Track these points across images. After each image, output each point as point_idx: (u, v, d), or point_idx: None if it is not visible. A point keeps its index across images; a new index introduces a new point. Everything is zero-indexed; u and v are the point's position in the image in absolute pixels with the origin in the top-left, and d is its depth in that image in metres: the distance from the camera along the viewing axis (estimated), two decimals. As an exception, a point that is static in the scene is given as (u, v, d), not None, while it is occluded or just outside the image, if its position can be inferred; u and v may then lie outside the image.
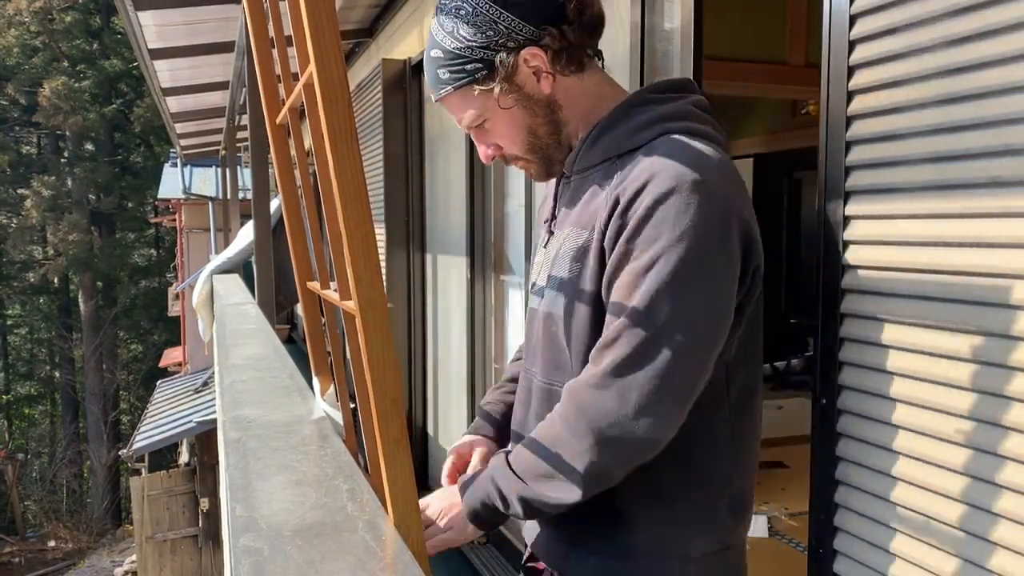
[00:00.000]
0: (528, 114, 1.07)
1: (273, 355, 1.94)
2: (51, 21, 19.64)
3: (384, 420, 0.87)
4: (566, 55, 1.04)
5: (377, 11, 4.74)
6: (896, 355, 1.23)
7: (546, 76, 1.04)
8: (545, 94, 1.06)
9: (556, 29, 1.01)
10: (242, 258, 5.07)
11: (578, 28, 1.03)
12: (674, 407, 0.96)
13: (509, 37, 1.01)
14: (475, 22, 1.01)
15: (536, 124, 1.08)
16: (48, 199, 19.24)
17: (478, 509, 1.09)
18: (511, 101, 1.06)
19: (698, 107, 1.07)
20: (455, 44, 1.03)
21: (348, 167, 0.79)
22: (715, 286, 0.96)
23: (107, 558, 15.34)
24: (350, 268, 0.82)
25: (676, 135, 1.00)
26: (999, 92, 1.07)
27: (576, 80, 1.07)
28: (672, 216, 0.93)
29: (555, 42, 1.02)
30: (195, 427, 8.07)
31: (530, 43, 1.02)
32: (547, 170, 1.15)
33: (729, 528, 1.10)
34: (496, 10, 1.00)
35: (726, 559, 1.11)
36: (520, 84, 1.05)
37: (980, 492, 1.10)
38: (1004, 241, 1.07)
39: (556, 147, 1.11)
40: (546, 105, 1.07)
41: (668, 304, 0.93)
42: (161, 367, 17.21)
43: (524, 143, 1.11)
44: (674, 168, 0.95)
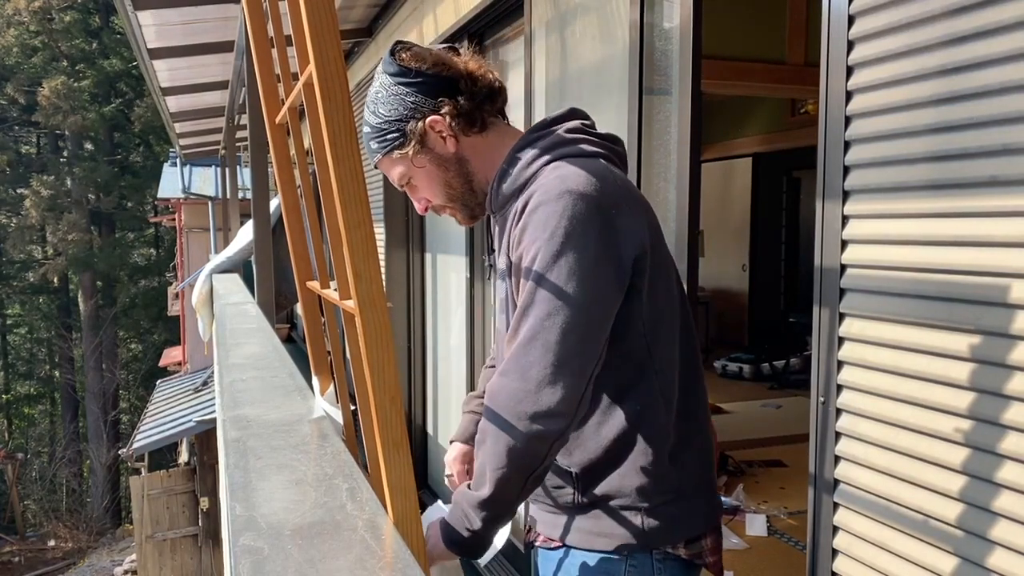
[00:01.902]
0: (441, 170, 1.28)
1: (273, 354, 1.94)
2: (50, 21, 19.62)
3: (384, 419, 0.87)
4: (463, 119, 1.24)
5: (376, 11, 4.74)
6: (895, 354, 1.23)
7: (450, 137, 1.25)
8: (452, 152, 1.27)
9: (452, 100, 1.23)
10: (242, 257, 5.06)
11: (471, 97, 1.24)
12: (571, 378, 1.10)
13: (415, 110, 1.23)
14: (389, 101, 1.24)
15: (449, 178, 1.29)
16: (47, 199, 19.23)
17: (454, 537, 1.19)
18: (425, 161, 1.27)
19: (573, 131, 1.25)
20: (376, 120, 1.27)
21: (348, 166, 0.79)
22: (587, 271, 1.10)
23: (107, 557, 15.34)
24: (350, 267, 0.82)
25: (554, 163, 1.19)
26: (997, 91, 1.07)
27: (479, 138, 1.28)
28: (543, 221, 1.11)
29: (452, 110, 1.23)
30: (195, 426, 8.06)
31: (432, 112, 1.23)
32: (469, 215, 1.36)
33: (677, 481, 1.23)
34: (403, 90, 1.23)
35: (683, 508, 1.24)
36: (431, 146, 1.26)
37: (979, 491, 1.10)
38: (1002, 240, 1.07)
39: (471, 195, 1.32)
40: (455, 162, 1.28)
41: (548, 291, 1.10)
42: (161, 366, 17.21)
43: (443, 195, 1.32)
44: (545, 187, 1.14)
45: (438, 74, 1.23)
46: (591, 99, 2.29)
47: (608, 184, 1.15)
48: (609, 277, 1.13)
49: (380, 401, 0.86)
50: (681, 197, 1.89)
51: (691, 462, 1.26)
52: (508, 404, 1.11)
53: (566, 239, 1.10)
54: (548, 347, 1.09)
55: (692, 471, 1.26)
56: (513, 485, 1.13)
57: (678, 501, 1.24)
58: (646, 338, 1.20)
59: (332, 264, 1.05)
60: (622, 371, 1.20)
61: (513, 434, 1.11)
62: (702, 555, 1.26)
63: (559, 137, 1.24)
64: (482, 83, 1.26)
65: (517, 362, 1.12)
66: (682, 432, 1.25)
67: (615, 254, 1.13)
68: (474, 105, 1.25)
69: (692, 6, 1.79)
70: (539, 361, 1.10)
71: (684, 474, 1.25)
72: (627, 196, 1.18)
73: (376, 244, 0.82)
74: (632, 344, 1.19)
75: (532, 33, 2.66)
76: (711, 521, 1.29)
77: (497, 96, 1.30)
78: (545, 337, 1.10)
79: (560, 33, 2.50)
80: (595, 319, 1.12)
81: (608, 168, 1.20)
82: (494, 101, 1.29)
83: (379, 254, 1.05)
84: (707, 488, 1.30)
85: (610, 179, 1.17)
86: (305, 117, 1.13)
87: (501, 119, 1.33)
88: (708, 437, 1.33)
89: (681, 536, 1.24)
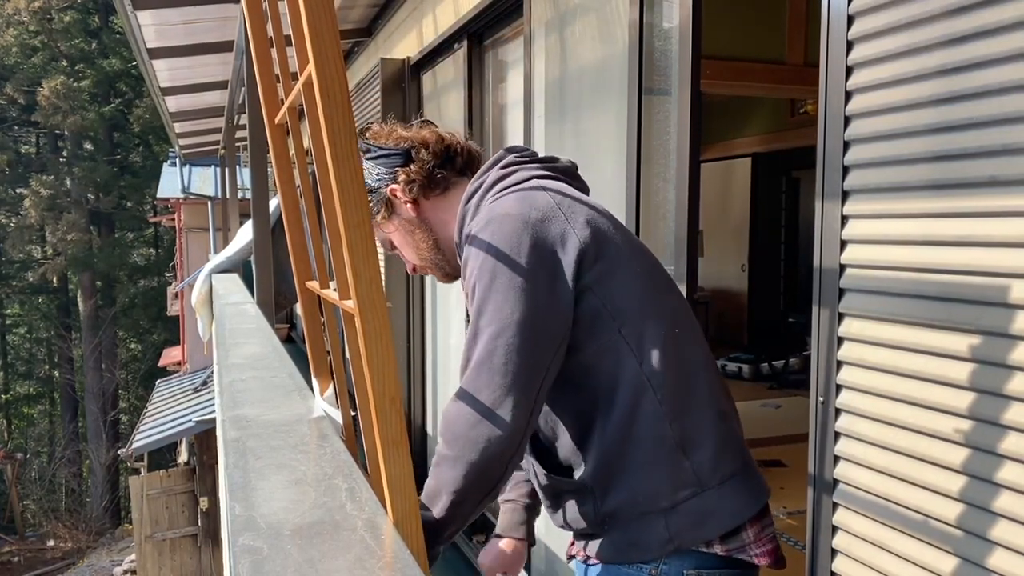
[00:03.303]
0: (408, 234, 1.41)
1: (272, 354, 1.94)
2: (50, 20, 19.62)
3: (383, 419, 0.87)
4: (417, 184, 1.36)
5: (376, 11, 4.74)
6: (894, 354, 1.23)
7: (409, 203, 1.37)
8: (413, 216, 1.38)
9: (406, 168, 1.35)
10: (241, 257, 5.06)
11: (423, 165, 1.36)
12: (520, 394, 1.13)
13: (381, 180, 1.37)
14: (366, 176, 1.34)
15: (416, 240, 1.41)
16: (47, 198, 19.22)
17: None
18: (393, 227, 1.41)
19: (506, 166, 1.32)
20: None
21: (347, 167, 0.79)
22: (522, 285, 1.14)
23: (106, 557, 15.34)
24: (349, 267, 0.82)
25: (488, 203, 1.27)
26: (997, 91, 1.07)
27: (440, 199, 1.38)
28: (474, 252, 1.18)
29: (407, 177, 1.35)
30: (194, 426, 8.06)
31: (392, 182, 1.36)
32: (443, 274, 1.45)
33: (695, 472, 1.19)
34: (369, 164, 1.38)
35: (708, 500, 1.19)
36: (398, 212, 1.39)
37: (978, 491, 1.10)
38: (1002, 240, 1.07)
39: (438, 254, 1.42)
40: (418, 224, 1.39)
41: (489, 314, 1.15)
42: (160, 366, 17.21)
43: (415, 256, 1.44)
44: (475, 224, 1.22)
45: (394, 147, 1.37)
46: (590, 99, 2.29)
47: (533, 199, 1.21)
48: (548, 284, 1.16)
49: (380, 401, 0.86)
50: (681, 197, 1.89)
51: (708, 449, 1.20)
52: (463, 429, 1.15)
53: (496, 260, 1.16)
54: (494, 370, 1.13)
55: (711, 459, 1.20)
56: (468, 506, 1.17)
57: (702, 494, 1.19)
58: (620, 331, 1.19)
59: (331, 264, 1.05)
60: (602, 368, 1.20)
61: (470, 458, 1.14)
62: (745, 548, 1.20)
63: (491, 179, 1.32)
64: (435, 149, 1.37)
65: (468, 386, 1.16)
66: (689, 418, 1.20)
67: (550, 261, 1.16)
68: (428, 169, 1.36)
69: (692, 6, 1.79)
70: (487, 385, 1.14)
71: (702, 464, 1.19)
72: (559, 202, 1.22)
73: (376, 244, 0.82)
74: (604, 339, 1.19)
75: (532, 33, 2.66)
76: (751, 509, 1.21)
77: (456, 157, 1.39)
78: (491, 361, 1.14)
79: (560, 33, 2.50)
80: (540, 330, 1.15)
81: (538, 185, 1.26)
82: (453, 162, 1.39)
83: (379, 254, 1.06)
84: (738, 474, 1.22)
85: (538, 194, 1.23)
86: (305, 117, 1.13)
87: (468, 177, 1.40)
88: (728, 418, 1.26)
89: (713, 531, 1.18)
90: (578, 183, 1.37)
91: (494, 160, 1.36)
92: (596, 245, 1.19)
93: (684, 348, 1.24)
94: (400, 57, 4.25)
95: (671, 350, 1.21)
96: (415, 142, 1.38)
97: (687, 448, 1.19)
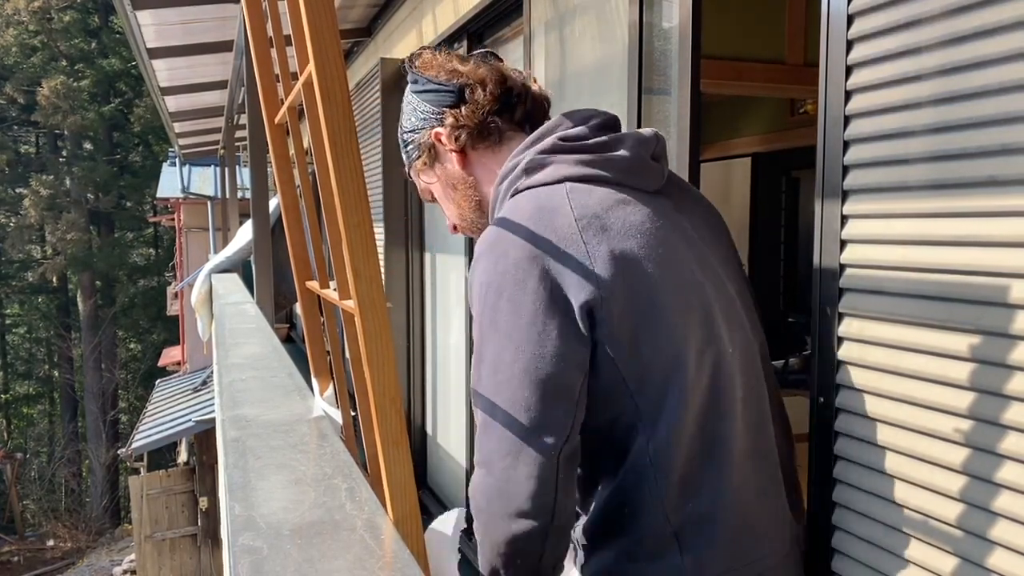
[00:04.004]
0: (450, 188, 1.21)
1: (272, 354, 1.94)
2: (49, 20, 19.62)
3: (383, 419, 0.87)
4: (466, 132, 1.15)
5: (376, 10, 4.74)
6: (894, 353, 1.23)
7: (454, 152, 1.17)
8: (459, 168, 1.18)
9: (455, 110, 1.14)
10: (241, 257, 5.06)
11: (476, 108, 1.14)
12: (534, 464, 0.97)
13: (425, 120, 1.17)
14: (408, 111, 1.20)
15: (458, 197, 1.21)
16: (46, 198, 19.21)
17: None
18: (435, 176, 1.21)
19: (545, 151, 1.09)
20: (400, 132, 1.23)
21: (347, 166, 0.79)
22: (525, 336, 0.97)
23: (106, 557, 15.33)
24: (349, 267, 0.82)
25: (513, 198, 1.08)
26: (997, 91, 1.07)
27: (489, 153, 1.17)
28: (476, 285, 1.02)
29: (456, 121, 1.15)
30: (194, 426, 8.06)
31: (438, 124, 1.16)
32: None
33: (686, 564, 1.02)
34: (415, 98, 1.18)
35: None
36: (441, 161, 1.19)
37: (978, 491, 1.10)
38: (1002, 240, 1.07)
39: (480, 218, 1.21)
40: (462, 179, 1.19)
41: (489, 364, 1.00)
42: (160, 366, 17.21)
43: (455, 215, 1.24)
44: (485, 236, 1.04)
45: (444, 83, 1.14)
46: (590, 99, 2.29)
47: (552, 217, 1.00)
48: (556, 329, 0.97)
49: (380, 401, 0.86)
50: (680, 197, 1.89)
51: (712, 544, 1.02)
52: (483, 503, 1.01)
53: (498, 295, 0.98)
54: (502, 435, 0.97)
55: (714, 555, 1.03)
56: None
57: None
58: (634, 398, 1.01)
59: (331, 264, 1.05)
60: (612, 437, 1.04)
61: (497, 536, 1.00)
62: None
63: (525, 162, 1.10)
64: (493, 91, 1.14)
65: (479, 452, 1.01)
66: (697, 505, 1.03)
67: (561, 303, 0.97)
68: (481, 115, 1.14)
69: (691, 6, 1.79)
70: (496, 450, 0.98)
71: (697, 560, 1.02)
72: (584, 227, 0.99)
73: (375, 244, 0.82)
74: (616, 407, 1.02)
75: (531, 33, 2.66)
76: None
77: (516, 106, 1.17)
78: (497, 421, 0.98)
79: (559, 33, 2.50)
80: (547, 383, 0.96)
81: (567, 194, 1.03)
82: (511, 111, 1.16)
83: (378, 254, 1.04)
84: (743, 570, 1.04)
85: (560, 209, 1.01)
86: (304, 117, 1.12)
87: (526, 131, 1.18)
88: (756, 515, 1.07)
89: None
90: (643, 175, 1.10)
91: (540, 133, 1.13)
92: (619, 289, 0.98)
93: (713, 421, 1.04)
94: (400, 57, 4.25)
95: (692, 427, 1.03)
96: (471, 79, 1.14)
97: (684, 541, 1.02)
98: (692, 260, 1.07)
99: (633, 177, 1.08)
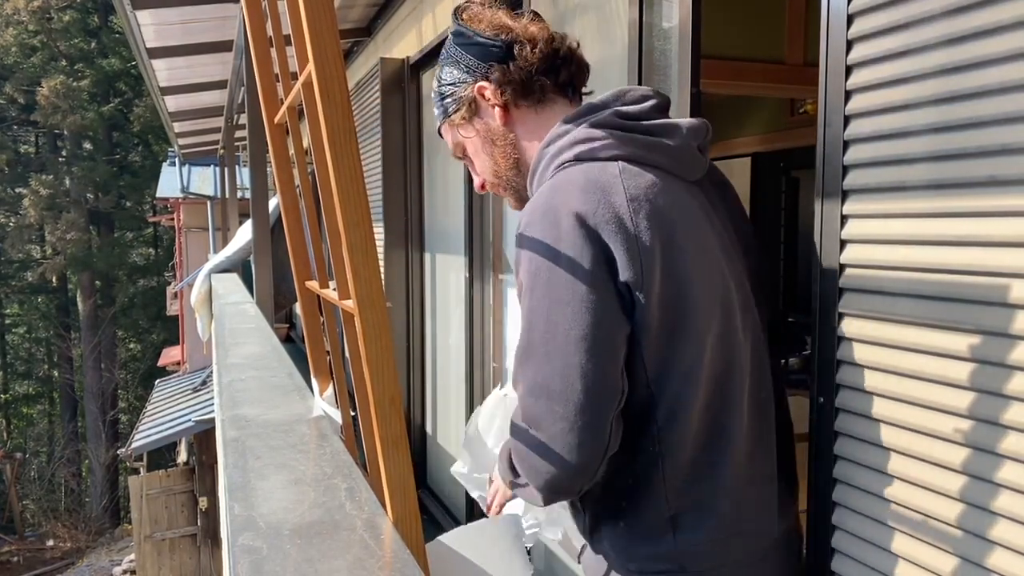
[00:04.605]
0: (488, 144, 1.20)
1: (272, 354, 1.94)
2: (49, 20, 19.62)
3: (383, 419, 0.87)
4: (512, 88, 1.14)
5: (375, 10, 4.74)
6: (894, 353, 1.23)
7: (498, 107, 1.16)
8: (500, 125, 1.18)
9: (502, 65, 1.14)
10: (241, 257, 5.07)
11: (526, 63, 1.14)
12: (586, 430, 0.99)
13: (468, 73, 1.16)
14: (449, 64, 1.18)
15: (495, 153, 1.20)
16: (46, 198, 19.21)
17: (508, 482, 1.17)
18: (473, 131, 1.20)
19: (598, 124, 1.10)
20: (439, 85, 1.22)
21: (347, 166, 0.79)
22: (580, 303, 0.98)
23: (106, 557, 15.33)
24: (349, 267, 0.82)
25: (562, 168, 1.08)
26: (997, 91, 1.07)
27: (531, 112, 1.17)
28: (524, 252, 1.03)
29: (502, 76, 1.14)
30: (194, 426, 8.06)
31: (483, 78, 1.15)
32: (518, 198, 1.25)
33: (676, 550, 1.07)
34: (459, 51, 1.16)
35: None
36: (481, 116, 1.18)
37: (978, 491, 1.10)
38: (1002, 240, 1.07)
39: (517, 176, 1.21)
40: (502, 136, 1.18)
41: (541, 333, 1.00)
42: (160, 366, 17.21)
43: (490, 171, 1.23)
44: (533, 204, 1.05)
45: (493, 37, 1.13)
46: (590, 99, 2.29)
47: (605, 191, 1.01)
48: (612, 301, 0.99)
49: (379, 401, 0.86)
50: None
51: (705, 531, 1.07)
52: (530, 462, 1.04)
53: (550, 264, 0.99)
54: (557, 399, 0.98)
55: (703, 542, 1.07)
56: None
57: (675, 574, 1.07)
58: (650, 386, 1.04)
59: (331, 264, 1.05)
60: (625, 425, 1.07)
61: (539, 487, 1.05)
62: None
63: (579, 136, 1.10)
64: (543, 50, 1.14)
65: (528, 415, 1.03)
66: (695, 493, 1.07)
67: (612, 277, 0.99)
68: (528, 73, 1.13)
69: (691, 6, 1.79)
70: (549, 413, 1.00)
71: (688, 546, 1.07)
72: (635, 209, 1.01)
73: (375, 243, 0.82)
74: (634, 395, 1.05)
75: (531, 33, 2.66)
76: None
77: (561, 68, 1.17)
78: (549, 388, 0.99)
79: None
80: (605, 351, 0.99)
81: (620, 173, 1.03)
82: (557, 72, 1.16)
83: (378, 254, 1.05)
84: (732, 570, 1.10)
85: (613, 187, 1.02)
86: (304, 117, 1.12)
87: (568, 95, 1.20)
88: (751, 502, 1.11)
89: None
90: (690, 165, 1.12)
91: (593, 105, 1.14)
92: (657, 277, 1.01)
93: (721, 410, 1.08)
94: (400, 57, 4.25)
95: (702, 416, 1.07)
96: (521, 36, 1.14)
97: (678, 524, 1.07)
98: (718, 248, 1.10)
99: (681, 166, 1.11)
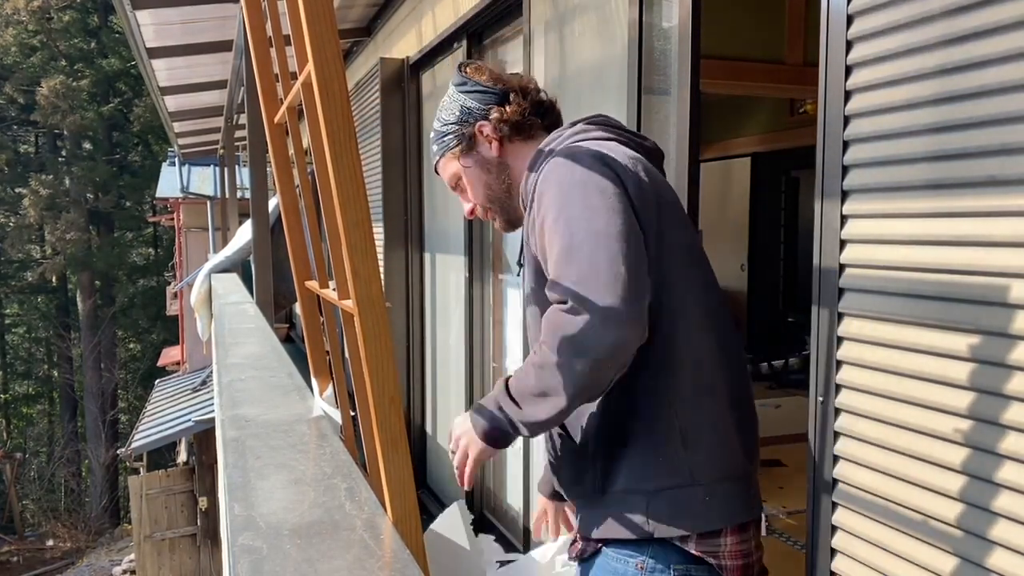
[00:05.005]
0: (484, 172, 1.42)
1: (272, 354, 1.94)
2: (49, 20, 19.60)
3: (383, 419, 0.87)
4: (510, 126, 1.39)
5: (375, 10, 4.74)
6: (894, 353, 1.23)
7: (495, 141, 1.40)
8: (495, 156, 1.41)
9: (500, 108, 1.39)
10: (240, 257, 5.06)
11: (519, 107, 1.39)
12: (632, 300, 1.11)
13: (470, 114, 1.40)
14: (450, 108, 1.42)
15: (490, 180, 1.42)
16: (46, 198, 19.19)
17: (488, 431, 1.22)
18: (471, 162, 1.42)
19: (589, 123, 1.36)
20: (439, 125, 1.44)
21: (346, 166, 0.79)
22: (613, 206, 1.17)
23: (105, 557, 15.32)
24: (348, 267, 0.82)
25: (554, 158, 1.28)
26: (996, 91, 1.07)
27: (524, 145, 1.41)
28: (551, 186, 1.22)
29: (500, 116, 1.39)
30: (193, 426, 8.05)
31: (483, 118, 1.39)
32: (507, 220, 1.46)
33: (689, 464, 1.22)
34: (462, 97, 1.41)
35: (694, 495, 1.22)
36: (478, 149, 1.41)
37: (978, 490, 1.10)
38: (1001, 240, 1.07)
39: (508, 199, 1.43)
40: (497, 165, 1.41)
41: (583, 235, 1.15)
42: (159, 366, 17.21)
43: (483, 195, 1.44)
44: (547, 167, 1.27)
45: (492, 85, 1.40)
46: (590, 99, 2.29)
47: (608, 146, 1.26)
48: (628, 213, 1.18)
49: (379, 401, 0.86)
50: (680, 197, 1.89)
51: (709, 446, 1.23)
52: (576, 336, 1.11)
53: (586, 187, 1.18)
54: (602, 279, 1.11)
55: (709, 456, 1.23)
56: (570, 411, 1.16)
57: (689, 487, 1.21)
58: (660, 298, 1.20)
59: (331, 264, 1.05)
60: None
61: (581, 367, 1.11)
62: (718, 555, 1.22)
63: (577, 128, 1.35)
64: (532, 97, 1.42)
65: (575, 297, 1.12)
66: (699, 408, 1.23)
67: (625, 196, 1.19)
68: (521, 115, 1.39)
69: (691, 6, 1.79)
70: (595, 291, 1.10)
71: (698, 459, 1.22)
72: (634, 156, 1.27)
73: (375, 243, 0.82)
74: None
75: (531, 33, 2.66)
76: (735, 519, 1.23)
77: (547, 112, 1.44)
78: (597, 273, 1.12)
79: (559, 33, 2.50)
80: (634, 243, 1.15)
81: (617, 146, 1.29)
82: (543, 116, 1.43)
83: (378, 254, 1.07)
84: (733, 480, 1.25)
85: (613, 145, 1.27)
86: (304, 117, 1.13)
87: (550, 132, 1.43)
88: (741, 423, 1.29)
89: (688, 525, 1.20)
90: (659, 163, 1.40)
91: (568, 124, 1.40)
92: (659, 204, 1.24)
93: (713, 332, 1.27)
94: (399, 57, 4.25)
95: (701, 333, 1.25)
96: (514, 86, 1.42)
97: (687, 440, 1.22)
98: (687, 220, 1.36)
99: (655, 160, 1.37)
